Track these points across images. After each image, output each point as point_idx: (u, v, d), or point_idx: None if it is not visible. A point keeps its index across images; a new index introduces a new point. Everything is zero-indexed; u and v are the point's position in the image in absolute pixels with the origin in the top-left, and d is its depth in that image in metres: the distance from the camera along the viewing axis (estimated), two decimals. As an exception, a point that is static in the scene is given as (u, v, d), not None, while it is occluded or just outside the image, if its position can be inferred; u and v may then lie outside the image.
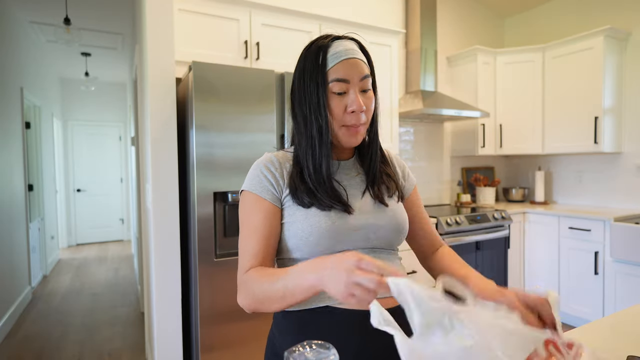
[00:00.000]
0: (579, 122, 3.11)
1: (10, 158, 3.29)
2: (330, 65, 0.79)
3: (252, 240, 0.79)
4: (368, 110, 0.82)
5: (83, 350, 2.71)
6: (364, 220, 0.81)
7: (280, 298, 0.69)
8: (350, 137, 0.82)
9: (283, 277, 0.69)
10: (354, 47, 0.82)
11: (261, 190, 0.81)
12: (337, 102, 0.79)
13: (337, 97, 0.79)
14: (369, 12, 3.17)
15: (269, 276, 0.72)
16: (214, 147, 1.75)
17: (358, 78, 0.79)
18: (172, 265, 1.80)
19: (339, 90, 0.79)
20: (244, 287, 0.76)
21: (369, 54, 0.85)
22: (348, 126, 0.81)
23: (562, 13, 3.53)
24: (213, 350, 1.75)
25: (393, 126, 2.82)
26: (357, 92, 0.79)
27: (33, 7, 3.53)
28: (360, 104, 0.78)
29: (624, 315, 1.01)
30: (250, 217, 0.81)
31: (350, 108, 0.79)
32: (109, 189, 6.64)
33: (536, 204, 3.47)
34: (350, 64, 0.79)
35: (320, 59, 0.80)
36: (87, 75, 5.32)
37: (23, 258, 3.59)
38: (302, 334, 0.77)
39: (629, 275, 2.58)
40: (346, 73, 0.79)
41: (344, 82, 0.79)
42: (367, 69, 0.82)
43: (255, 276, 0.75)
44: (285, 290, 0.68)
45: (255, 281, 0.74)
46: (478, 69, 3.37)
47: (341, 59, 0.79)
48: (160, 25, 1.77)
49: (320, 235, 0.77)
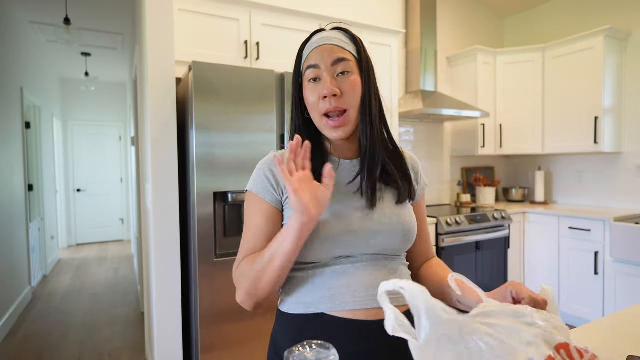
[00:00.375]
0: (579, 122, 3.11)
1: (10, 158, 3.29)
2: (305, 55, 0.81)
3: (250, 241, 0.80)
4: (345, 94, 0.77)
5: (83, 350, 2.71)
6: (362, 225, 0.78)
7: (268, 262, 0.72)
8: (330, 130, 0.79)
9: (268, 249, 0.73)
10: (332, 35, 0.80)
11: (263, 192, 0.81)
12: (312, 90, 0.79)
13: (311, 84, 0.79)
14: (369, 12, 3.17)
15: (256, 255, 0.76)
16: (214, 147, 1.75)
17: (329, 62, 0.77)
18: (172, 265, 1.80)
19: (312, 76, 0.78)
20: (238, 280, 0.78)
21: (359, 41, 0.83)
22: (327, 117, 0.78)
23: (562, 13, 3.53)
24: (213, 350, 1.75)
25: (393, 126, 2.82)
26: (329, 76, 0.77)
27: (33, 7, 3.53)
28: (331, 88, 0.75)
29: (624, 315, 1.01)
30: (251, 218, 0.81)
31: (322, 93, 0.76)
32: (109, 189, 6.64)
33: (536, 204, 3.47)
34: (322, 50, 0.78)
35: (301, 52, 0.83)
36: (87, 75, 5.32)
37: (23, 258, 3.59)
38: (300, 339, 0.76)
39: (629, 275, 2.58)
40: (316, 58, 0.78)
41: (315, 68, 0.78)
42: (343, 52, 0.78)
43: (244, 263, 0.77)
44: (272, 257, 0.72)
45: (245, 266, 0.77)
46: (478, 69, 3.37)
47: (313, 48, 0.80)
48: (160, 25, 1.77)
49: (318, 239, 0.75)
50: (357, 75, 0.80)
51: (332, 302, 0.75)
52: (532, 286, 3.19)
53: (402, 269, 0.84)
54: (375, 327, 0.74)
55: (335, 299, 0.75)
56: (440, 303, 0.53)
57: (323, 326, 0.75)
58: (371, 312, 0.75)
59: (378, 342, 0.75)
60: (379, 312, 0.74)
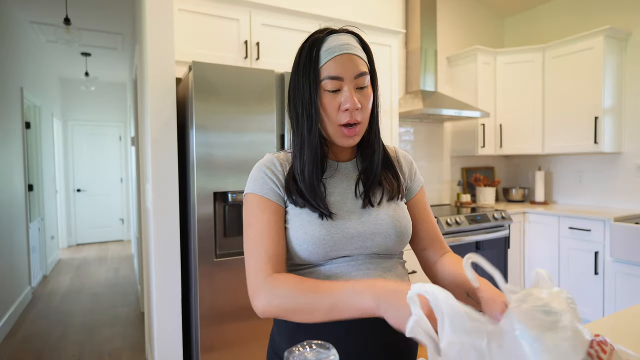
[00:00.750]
0: (579, 122, 3.11)
1: (10, 158, 3.29)
2: (323, 61, 0.76)
3: (265, 240, 0.76)
4: (364, 109, 0.78)
5: (83, 350, 2.71)
6: (359, 227, 0.78)
7: (324, 313, 0.65)
8: (345, 138, 0.78)
9: (332, 294, 0.65)
10: (351, 42, 0.77)
11: (267, 192, 0.79)
12: (330, 100, 0.76)
13: (330, 94, 0.76)
14: (369, 12, 3.17)
15: (312, 289, 0.67)
16: (214, 147, 1.75)
17: (353, 75, 0.75)
18: (172, 265, 1.80)
19: (332, 87, 0.75)
20: (269, 292, 0.71)
21: (369, 48, 0.81)
22: (343, 125, 0.77)
23: (562, 13, 3.53)
24: (213, 350, 1.75)
25: (393, 126, 2.82)
26: (351, 89, 0.75)
27: (33, 7, 3.53)
28: (355, 102, 0.74)
29: (624, 315, 1.01)
30: (258, 218, 0.77)
31: (344, 106, 0.75)
32: (109, 189, 6.64)
33: (536, 204, 3.47)
34: (344, 60, 0.75)
35: (314, 54, 0.76)
36: (87, 75, 5.32)
37: (23, 258, 3.59)
38: (298, 338, 0.77)
39: (629, 275, 2.58)
40: (340, 70, 0.75)
41: (337, 80, 0.75)
42: (363, 65, 0.77)
43: (291, 284, 0.70)
44: (334, 307, 0.64)
45: (291, 290, 0.69)
46: (478, 69, 3.37)
47: (334, 55, 0.75)
48: (160, 25, 1.77)
49: (314, 243, 0.76)
50: (370, 87, 0.80)
51: None
52: (532, 286, 3.19)
53: (398, 267, 0.84)
54: (371, 326, 0.75)
55: None
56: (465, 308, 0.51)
57: (319, 325, 0.75)
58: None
59: (373, 340, 0.75)
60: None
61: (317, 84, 0.76)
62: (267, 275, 0.73)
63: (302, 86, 0.78)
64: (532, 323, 0.50)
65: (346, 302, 0.63)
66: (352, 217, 0.79)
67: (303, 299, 0.67)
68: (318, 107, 0.77)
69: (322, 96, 0.77)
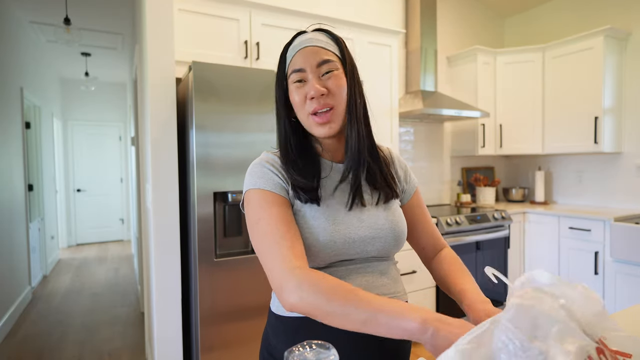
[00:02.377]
0: (579, 122, 3.11)
1: (10, 158, 3.29)
2: (289, 59, 0.81)
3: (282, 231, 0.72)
4: (332, 94, 0.78)
5: (83, 350, 2.71)
6: (360, 232, 0.79)
7: (360, 322, 0.61)
8: (318, 127, 0.79)
9: (374, 305, 0.61)
10: (315, 37, 0.81)
11: (273, 186, 0.77)
12: (298, 92, 0.79)
13: (297, 87, 0.79)
14: (369, 12, 3.16)
15: (351, 295, 0.63)
16: (214, 147, 1.75)
17: (314, 64, 0.78)
18: (172, 265, 1.80)
19: (297, 79, 0.79)
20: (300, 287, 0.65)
21: (341, 41, 0.83)
22: (313, 114, 0.78)
23: (562, 13, 3.53)
24: (213, 351, 1.75)
25: (393, 126, 2.82)
26: (314, 78, 0.78)
27: (33, 7, 3.53)
28: (317, 88, 0.76)
29: (624, 315, 1.01)
30: (268, 211, 0.74)
31: (309, 94, 0.77)
32: (109, 189, 6.64)
33: (536, 204, 3.47)
34: (306, 53, 0.79)
35: (282, 56, 0.83)
36: (87, 75, 5.32)
37: (23, 258, 3.59)
38: (293, 340, 0.77)
39: (629, 275, 2.58)
40: (301, 62, 0.78)
41: (300, 72, 0.79)
42: (327, 54, 0.79)
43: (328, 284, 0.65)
44: (372, 320, 0.60)
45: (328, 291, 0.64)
46: (478, 69, 3.37)
47: (296, 50, 0.80)
48: (160, 25, 1.77)
49: (318, 249, 0.76)
50: (342, 74, 0.80)
51: None
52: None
53: (392, 269, 0.86)
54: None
55: None
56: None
57: (316, 327, 0.75)
58: None
59: (369, 343, 0.76)
60: None
61: (286, 80, 0.82)
62: (296, 267, 0.68)
63: (276, 87, 0.84)
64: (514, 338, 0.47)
65: (388, 317, 0.59)
66: (353, 222, 0.80)
67: (340, 302, 0.63)
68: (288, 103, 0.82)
69: (291, 91, 0.80)
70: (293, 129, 0.83)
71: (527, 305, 0.48)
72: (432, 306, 2.71)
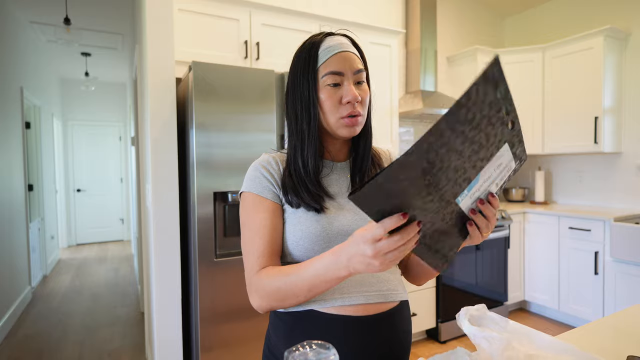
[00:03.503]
0: (579, 122, 3.11)
1: (10, 158, 3.29)
2: (323, 59, 0.80)
3: (257, 240, 0.79)
4: (363, 103, 0.82)
5: (83, 350, 2.71)
6: (354, 224, 0.80)
7: (306, 291, 0.70)
8: (347, 128, 0.80)
9: (307, 273, 0.69)
10: (347, 43, 0.83)
11: (262, 190, 0.81)
12: (332, 94, 0.79)
13: (331, 89, 0.79)
14: (369, 12, 3.17)
15: (289, 273, 0.72)
16: (214, 147, 1.75)
17: (352, 71, 0.80)
18: (172, 265, 1.80)
19: (333, 82, 0.79)
20: (258, 289, 0.75)
21: (361, 50, 0.86)
22: (345, 117, 0.80)
23: (562, 13, 3.53)
24: (213, 350, 1.75)
25: (393, 126, 2.82)
26: (351, 84, 0.79)
27: (33, 7, 3.53)
28: (355, 94, 0.79)
29: (624, 315, 1.01)
30: (253, 217, 0.80)
31: (346, 99, 0.79)
32: (109, 189, 6.64)
33: (536, 204, 3.47)
34: (344, 57, 0.80)
35: (312, 54, 0.81)
36: (87, 75, 5.32)
37: (23, 258, 3.59)
38: (292, 336, 0.79)
39: (629, 275, 2.58)
40: (340, 66, 0.79)
41: (338, 75, 0.79)
42: (360, 63, 0.82)
43: (272, 275, 0.74)
44: (313, 286, 0.69)
45: (273, 279, 0.73)
46: (478, 69, 3.37)
47: (334, 52, 0.80)
48: (160, 25, 1.77)
49: (311, 240, 0.77)
50: (366, 84, 0.84)
51: (321, 299, 0.77)
52: (532, 286, 3.19)
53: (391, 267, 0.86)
54: (362, 323, 0.76)
55: (325, 296, 0.77)
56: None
57: (313, 322, 0.77)
58: (359, 308, 0.77)
59: (365, 337, 0.77)
60: (367, 308, 0.77)
61: (316, 81, 0.80)
62: (253, 275, 0.77)
63: (302, 85, 0.81)
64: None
65: (324, 278, 0.67)
66: (347, 214, 0.81)
67: (285, 293, 0.72)
68: (316, 103, 0.80)
69: (322, 92, 0.80)
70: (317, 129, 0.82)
71: None
72: (432, 306, 2.71)
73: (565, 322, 3.06)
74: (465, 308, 0.69)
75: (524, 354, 0.59)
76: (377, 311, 0.78)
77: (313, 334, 0.76)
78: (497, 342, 0.60)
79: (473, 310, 0.68)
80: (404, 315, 0.83)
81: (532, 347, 0.63)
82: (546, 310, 3.21)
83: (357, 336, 0.76)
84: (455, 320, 2.88)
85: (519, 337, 0.64)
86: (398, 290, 0.84)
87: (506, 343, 0.60)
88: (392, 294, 0.81)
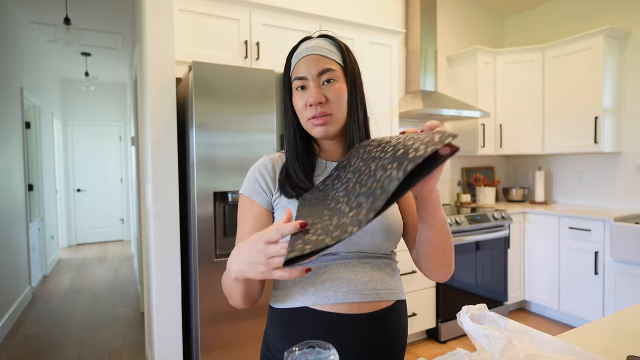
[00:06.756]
0: (579, 122, 3.11)
1: (10, 158, 3.29)
2: (293, 65, 0.85)
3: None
4: (332, 101, 0.81)
5: (83, 350, 2.71)
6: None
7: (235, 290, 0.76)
8: (315, 128, 0.82)
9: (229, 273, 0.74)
10: (319, 44, 0.83)
11: (253, 193, 0.85)
12: (299, 98, 0.83)
13: (299, 93, 0.83)
14: (369, 12, 3.17)
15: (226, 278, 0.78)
16: (214, 147, 1.75)
17: (315, 73, 0.81)
18: (172, 265, 1.80)
19: (299, 86, 0.83)
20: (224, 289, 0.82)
21: (345, 48, 0.85)
22: (311, 118, 0.82)
23: (562, 13, 3.53)
24: (213, 350, 1.75)
25: (393, 126, 2.82)
26: (315, 86, 0.81)
27: (33, 7, 3.53)
28: (316, 96, 0.80)
29: (624, 315, 1.01)
30: (242, 220, 0.85)
31: (308, 101, 0.81)
32: (109, 189, 6.64)
33: (536, 203, 3.47)
34: (308, 61, 0.82)
35: (287, 62, 0.87)
36: (87, 75, 5.32)
37: (23, 258, 3.59)
38: (287, 332, 0.80)
39: (629, 275, 2.58)
40: (303, 70, 0.82)
41: (302, 79, 0.82)
42: (330, 63, 0.82)
43: (224, 283, 0.81)
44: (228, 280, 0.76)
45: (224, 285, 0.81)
46: (478, 69, 3.37)
47: (300, 58, 0.83)
48: (160, 25, 1.77)
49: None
50: (343, 82, 0.83)
51: (315, 296, 0.78)
52: (532, 286, 3.19)
53: (388, 267, 0.85)
54: (356, 321, 0.77)
55: (319, 293, 0.78)
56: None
57: (308, 319, 0.78)
58: (353, 305, 0.77)
59: (359, 334, 0.77)
60: (361, 306, 0.78)
61: (290, 87, 0.86)
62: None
63: (283, 90, 0.89)
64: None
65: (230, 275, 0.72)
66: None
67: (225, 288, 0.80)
68: (292, 108, 0.86)
69: (294, 97, 0.85)
70: (300, 128, 0.88)
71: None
72: (432, 306, 2.71)
73: (565, 322, 3.06)
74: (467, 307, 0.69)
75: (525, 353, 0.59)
76: (372, 310, 0.78)
77: (308, 331, 0.77)
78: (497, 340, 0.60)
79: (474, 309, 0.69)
80: (400, 314, 0.83)
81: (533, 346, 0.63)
82: (546, 310, 3.21)
83: (351, 334, 0.76)
84: (455, 320, 2.88)
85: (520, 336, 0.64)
86: (394, 290, 0.83)
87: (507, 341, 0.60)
88: (387, 293, 0.81)
